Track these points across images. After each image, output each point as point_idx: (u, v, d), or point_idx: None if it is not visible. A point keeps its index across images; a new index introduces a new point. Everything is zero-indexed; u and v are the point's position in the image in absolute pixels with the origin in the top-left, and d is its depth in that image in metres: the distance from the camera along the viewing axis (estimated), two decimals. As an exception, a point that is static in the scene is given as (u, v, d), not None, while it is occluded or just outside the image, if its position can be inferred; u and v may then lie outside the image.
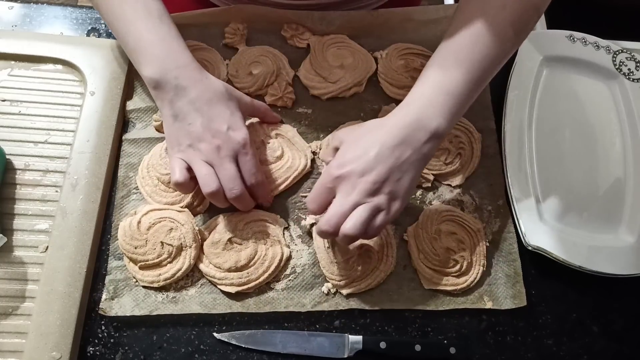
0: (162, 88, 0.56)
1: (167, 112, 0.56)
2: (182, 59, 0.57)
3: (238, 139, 0.55)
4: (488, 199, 0.65)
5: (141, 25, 0.57)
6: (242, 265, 0.57)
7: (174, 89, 0.55)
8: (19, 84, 0.64)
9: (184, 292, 0.57)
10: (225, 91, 0.57)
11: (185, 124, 0.55)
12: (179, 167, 0.55)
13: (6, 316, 0.54)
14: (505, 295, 0.60)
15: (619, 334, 0.61)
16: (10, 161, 0.61)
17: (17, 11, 0.72)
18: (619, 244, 0.64)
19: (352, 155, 0.52)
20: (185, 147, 0.55)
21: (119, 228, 0.58)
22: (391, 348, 0.56)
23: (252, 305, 0.57)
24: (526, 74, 0.72)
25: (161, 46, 0.57)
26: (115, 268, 0.57)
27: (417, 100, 0.53)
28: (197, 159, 0.55)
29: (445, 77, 0.53)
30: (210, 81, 0.57)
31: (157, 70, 0.56)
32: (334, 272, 0.58)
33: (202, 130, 0.54)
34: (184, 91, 0.55)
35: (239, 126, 0.56)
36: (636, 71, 0.74)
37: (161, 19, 0.58)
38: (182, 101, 0.55)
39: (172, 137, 0.56)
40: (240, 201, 0.56)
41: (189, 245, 0.57)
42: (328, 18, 0.71)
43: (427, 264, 0.60)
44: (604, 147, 0.70)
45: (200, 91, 0.56)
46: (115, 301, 0.56)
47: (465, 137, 0.66)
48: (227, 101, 0.57)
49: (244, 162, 0.56)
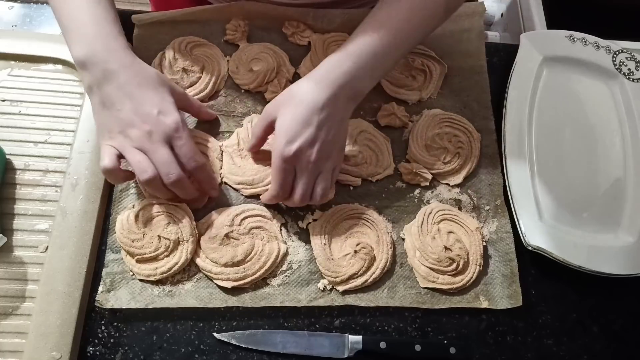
0: (89, 70, 0.54)
1: (96, 99, 0.54)
2: (113, 43, 0.55)
3: (169, 123, 0.53)
4: (486, 199, 0.65)
5: (77, 5, 0.55)
6: (238, 260, 0.57)
7: (102, 72, 0.53)
8: (19, 84, 0.64)
9: (180, 286, 0.57)
10: (156, 77, 0.56)
11: (114, 110, 0.53)
12: (108, 153, 0.53)
13: (6, 316, 0.54)
14: (502, 295, 0.60)
15: (619, 334, 0.61)
16: (10, 161, 0.61)
17: (17, 11, 0.72)
18: (619, 244, 0.64)
19: (295, 129, 0.53)
20: (116, 134, 0.53)
21: (117, 221, 0.58)
22: (391, 348, 0.56)
23: (247, 300, 0.57)
24: (526, 74, 0.72)
25: (94, 27, 0.55)
26: (112, 261, 0.58)
27: (348, 58, 0.56)
28: (128, 146, 0.53)
29: (374, 41, 0.56)
30: (141, 67, 0.56)
31: (85, 50, 0.54)
32: (330, 268, 0.58)
33: (132, 115, 0.53)
34: (113, 75, 0.53)
35: (170, 110, 0.55)
36: (636, 71, 0.74)
37: (99, 1, 0.56)
38: (111, 86, 0.53)
39: (101, 124, 0.54)
40: (180, 187, 0.54)
41: (186, 239, 0.57)
42: (329, 16, 0.71)
43: (424, 262, 0.60)
44: (604, 147, 0.70)
45: (130, 76, 0.54)
46: (111, 294, 0.56)
47: (465, 136, 0.66)
48: (158, 86, 0.55)
49: (179, 147, 0.54)
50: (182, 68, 0.65)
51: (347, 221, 0.61)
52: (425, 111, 0.68)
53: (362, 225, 0.61)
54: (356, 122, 0.66)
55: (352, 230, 0.61)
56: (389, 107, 0.67)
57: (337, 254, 0.59)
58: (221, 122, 0.66)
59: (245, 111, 0.66)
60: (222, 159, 0.63)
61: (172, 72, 0.65)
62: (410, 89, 0.69)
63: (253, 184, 0.61)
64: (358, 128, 0.65)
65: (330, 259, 0.58)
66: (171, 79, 0.65)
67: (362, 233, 0.61)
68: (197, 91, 0.65)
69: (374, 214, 0.62)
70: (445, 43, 0.72)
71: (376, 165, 0.64)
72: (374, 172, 0.64)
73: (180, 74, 0.65)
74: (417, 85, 0.69)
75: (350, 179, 0.63)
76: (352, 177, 0.63)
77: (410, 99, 0.69)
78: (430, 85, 0.69)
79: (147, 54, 0.67)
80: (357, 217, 0.61)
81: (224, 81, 0.67)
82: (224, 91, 0.67)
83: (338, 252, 0.59)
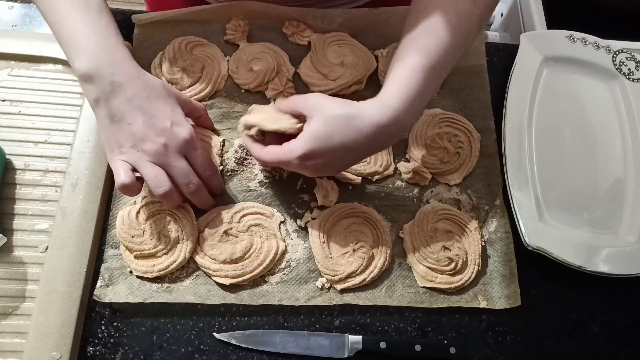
0: (95, 83, 0.52)
1: (103, 112, 0.52)
2: (118, 55, 0.54)
3: (184, 135, 0.53)
4: (485, 199, 0.65)
5: (77, 18, 0.54)
6: (237, 257, 0.57)
7: (109, 85, 0.52)
8: (19, 84, 0.64)
9: (178, 282, 0.57)
10: (163, 87, 0.55)
11: (124, 124, 0.52)
12: (123, 169, 0.52)
13: (6, 316, 0.54)
14: (500, 295, 0.60)
15: (619, 334, 0.61)
16: (10, 161, 0.61)
17: (17, 11, 0.72)
18: (619, 244, 0.64)
19: (323, 148, 0.51)
20: (128, 148, 0.52)
21: (118, 217, 0.58)
22: (391, 348, 0.56)
23: (246, 297, 0.57)
24: (526, 74, 0.72)
25: (97, 40, 0.53)
26: (111, 256, 0.58)
27: (396, 99, 0.51)
28: (142, 160, 0.52)
29: (421, 79, 0.52)
30: (147, 78, 0.55)
31: (91, 63, 0.52)
32: (328, 267, 0.58)
33: (145, 129, 0.52)
34: (121, 88, 0.52)
35: (182, 122, 0.54)
36: (636, 71, 0.74)
37: (100, 13, 0.55)
38: (119, 99, 0.52)
39: (110, 139, 0.53)
40: (199, 195, 0.55)
41: (186, 238, 0.57)
42: (329, 16, 0.71)
43: (422, 261, 0.60)
44: (604, 147, 0.70)
45: (138, 88, 0.53)
46: (109, 289, 0.56)
47: (465, 136, 0.66)
48: (167, 97, 0.55)
49: (195, 157, 0.55)
50: (182, 68, 0.65)
51: (346, 219, 0.61)
52: (426, 110, 0.68)
53: (361, 224, 0.61)
54: None
55: (350, 228, 0.60)
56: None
57: (336, 253, 0.59)
58: (221, 122, 0.65)
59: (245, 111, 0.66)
60: (222, 155, 0.63)
61: (172, 72, 0.65)
62: (410, 89, 0.69)
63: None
64: None
65: (328, 257, 0.59)
66: (171, 79, 0.65)
67: (360, 232, 0.60)
68: (197, 91, 0.65)
69: (373, 212, 0.62)
70: (445, 43, 0.72)
71: (375, 164, 0.64)
72: (374, 171, 0.64)
73: (180, 74, 0.65)
74: (417, 85, 0.69)
75: (351, 177, 0.63)
76: (353, 175, 0.63)
77: (410, 99, 0.69)
78: (431, 85, 0.69)
79: (147, 54, 0.67)
80: (356, 215, 0.61)
81: (224, 81, 0.67)
82: (224, 91, 0.67)
83: (337, 251, 0.59)
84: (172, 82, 0.65)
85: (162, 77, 0.66)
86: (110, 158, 0.54)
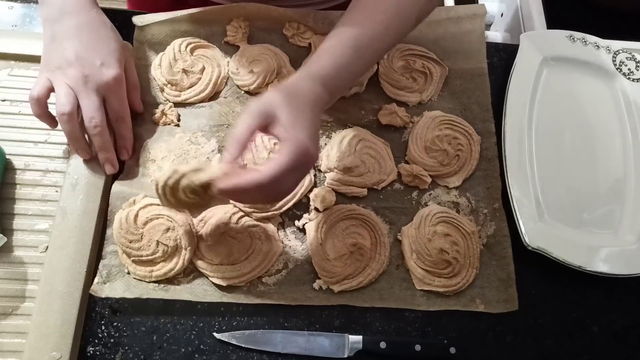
0: (47, 5, 0.56)
1: (47, 33, 0.56)
2: None
3: (108, 77, 0.55)
4: (484, 202, 0.64)
5: None
6: (234, 258, 0.57)
7: (59, 10, 0.55)
8: (19, 84, 0.64)
9: (175, 282, 0.57)
10: (111, 30, 0.57)
11: (60, 47, 0.55)
12: (40, 83, 0.55)
13: (6, 316, 0.54)
14: (498, 298, 0.60)
15: (619, 334, 0.61)
16: (10, 161, 0.61)
17: (17, 11, 0.72)
18: (619, 244, 0.64)
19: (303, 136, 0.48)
20: (54, 68, 0.55)
21: (115, 219, 0.58)
22: (391, 348, 0.56)
23: (242, 297, 0.57)
24: (526, 74, 0.72)
25: None
26: (110, 253, 0.58)
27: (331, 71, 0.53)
28: (60, 80, 0.54)
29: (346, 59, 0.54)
30: (101, 17, 0.57)
31: None
32: (325, 268, 0.58)
33: (75, 56, 0.54)
34: (69, 16, 0.55)
35: (113, 64, 0.56)
36: (636, 71, 0.74)
37: None
38: (64, 25, 0.55)
39: (45, 57, 0.56)
40: (99, 136, 0.56)
41: (184, 247, 0.57)
42: (330, 17, 0.71)
43: (420, 264, 0.60)
44: (604, 147, 0.70)
45: (86, 20, 0.56)
46: (107, 285, 0.56)
47: (464, 139, 0.66)
48: (109, 39, 0.57)
49: (111, 100, 0.56)
50: (182, 69, 0.65)
51: (344, 222, 0.61)
52: (426, 113, 0.68)
53: (358, 226, 0.61)
54: (353, 131, 0.65)
55: (348, 230, 0.60)
56: (390, 107, 0.67)
57: (333, 255, 0.59)
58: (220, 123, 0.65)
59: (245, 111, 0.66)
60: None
61: (172, 73, 0.65)
62: (410, 91, 0.69)
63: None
64: (356, 137, 0.64)
65: (326, 259, 0.58)
66: (171, 80, 0.65)
67: (358, 234, 0.60)
68: (197, 92, 0.66)
69: (371, 215, 0.61)
70: (446, 45, 0.72)
71: (379, 172, 0.63)
72: (378, 179, 0.63)
73: (181, 75, 0.65)
74: (418, 87, 0.69)
75: (356, 191, 0.63)
76: (358, 188, 0.63)
77: (411, 101, 0.69)
78: (431, 87, 0.69)
79: (147, 54, 0.68)
80: (354, 217, 0.61)
81: (224, 82, 0.67)
82: (224, 92, 0.67)
83: (334, 253, 0.59)
84: (172, 83, 0.65)
85: (162, 77, 0.66)
86: (39, 74, 0.56)
